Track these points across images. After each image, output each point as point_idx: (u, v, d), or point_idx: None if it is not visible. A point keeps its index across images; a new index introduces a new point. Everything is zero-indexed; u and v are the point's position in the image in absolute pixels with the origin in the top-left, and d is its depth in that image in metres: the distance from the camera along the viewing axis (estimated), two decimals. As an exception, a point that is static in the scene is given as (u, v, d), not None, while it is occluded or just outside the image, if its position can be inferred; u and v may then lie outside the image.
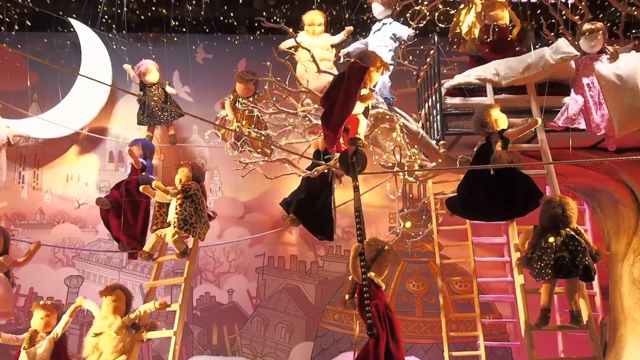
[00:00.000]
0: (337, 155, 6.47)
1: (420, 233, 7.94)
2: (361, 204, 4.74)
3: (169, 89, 8.29)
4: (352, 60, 5.15)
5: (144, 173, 7.14)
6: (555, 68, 6.26)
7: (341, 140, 5.01)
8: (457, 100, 6.45)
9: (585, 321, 5.28)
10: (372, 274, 5.11)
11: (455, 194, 6.16)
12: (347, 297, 5.23)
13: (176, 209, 6.21)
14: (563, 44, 6.27)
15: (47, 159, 9.00)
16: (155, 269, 6.70)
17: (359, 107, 5.14)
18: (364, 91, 5.03)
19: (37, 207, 8.84)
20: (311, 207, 6.67)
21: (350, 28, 7.06)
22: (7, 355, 7.59)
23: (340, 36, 7.08)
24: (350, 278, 5.23)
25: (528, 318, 5.42)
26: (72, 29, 8.71)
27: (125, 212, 6.92)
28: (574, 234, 5.14)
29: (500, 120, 5.79)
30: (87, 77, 7.14)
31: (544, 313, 5.27)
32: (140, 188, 6.50)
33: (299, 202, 6.73)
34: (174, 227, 6.13)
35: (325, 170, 6.64)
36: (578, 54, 6.27)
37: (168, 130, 8.52)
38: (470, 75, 6.52)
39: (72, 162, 9.02)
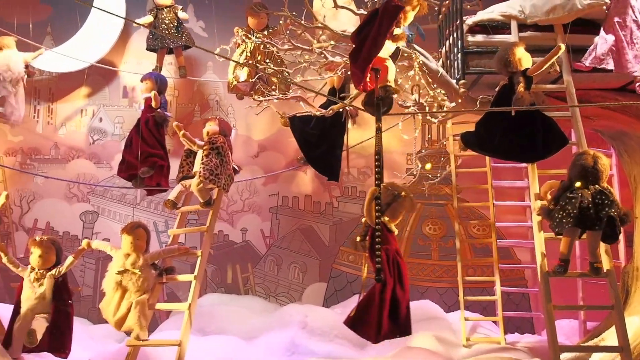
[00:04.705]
0: (353, 94, 6.37)
1: (438, 175, 7.76)
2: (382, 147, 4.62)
3: (181, 14, 8.03)
4: None
5: (159, 110, 6.98)
6: (582, 13, 5.95)
7: (367, 78, 4.88)
8: (479, 37, 6.24)
9: (605, 270, 5.12)
10: (385, 219, 5.00)
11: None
12: (358, 238, 5.16)
13: (202, 159, 6.22)
14: None
15: (62, 94, 8.90)
16: (179, 218, 6.70)
17: (390, 47, 5.00)
18: (397, 30, 4.88)
19: (52, 142, 8.81)
20: (320, 147, 6.52)
21: None
22: (9, 289, 7.71)
23: None
24: (363, 220, 5.13)
25: (546, 264, 5.28)
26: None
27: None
28: (602, 189, 4.91)
29: (524, 59, 5.52)
30: (100, 9, 6.99)
31: (563, 263, 5.09)
32: (174, 125, 6.39)
33: (307, 136, 6.58)
34: (199, 176, 6.13)
35: (340, 110, 6.46)
36: (609, 1, 5.94)
37: (178, 62, 8.29)
38: (494, 12, 6.29)
39: (86, 97, 8.92)
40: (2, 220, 6.84)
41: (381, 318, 4.74)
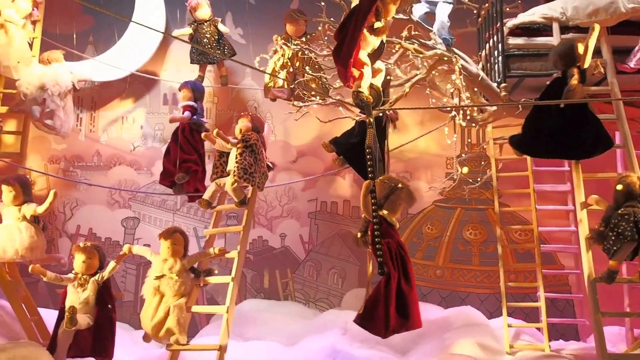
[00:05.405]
0: (393, 98, 6.34)
1: (479, 179, 7.70)
2: (375, 141, 4.78)
3: (221, 27, 8.10)
4: None
5: (194, 117, 7.06)
6: (626, 16, 5.85)
7: (357, 74, 4.91)
8: (520, 40, 6.24)
9: (654, 276, 5.03)
10: (385, 212, 4.92)
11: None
12: (359, 235, 5.08)
13: (236, 158, 6.18)
14: None
15: (103, 102, 9.01)
16: (214, 218, 6.73)
17: (374, 42, 4.99)
18: (377, 24, 4.89)
19: (94, 150, 8.91)
20: (363, 152, 6.48)
21: None
22: (54, 295, 7.83)
23: None
24: (362, 216, 5.06)
25: (592, 273, 5.17)
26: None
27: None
28: None
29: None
30: (138, 23, 7.11)
31: (611, 273, 5.00)
32: (202, 135, 6.50)
33: (351, 145, 6.54)
34: (234, 175, 6.11)
35: (380, 114, 6.43)
36: None
37: (220, 71, 8.38)
38: (535, 14, 6.26)
39: (127, 105, 9.02)
40: (47, 226, 6.98)
41: (388, 312, 4.66)
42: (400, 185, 5.08)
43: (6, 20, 7.33)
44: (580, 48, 5.42)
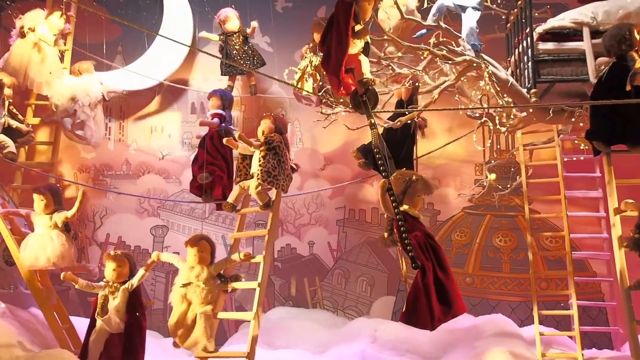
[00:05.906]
0: (421, 105, 6.32)
1: (509, 186, 7.62)
2: (382, 141, 4.83)
3: (248, 30, 8.14)
4: None
5: (223, 124, 7.08)
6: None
7: (350, 80, 4.93)
8: (550, 45, 6.15)
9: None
10: (405, 207, 4.90)
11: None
12: (385, 234, 5.11)
13: (259, 161, 6.12)
14: None
15: (132, 111, 9.10)
16: (239, 221, 6.67)
17: (358, 45, 5.02)
18: (357, 27, 4.90)
19: (123, 158, 9.01)
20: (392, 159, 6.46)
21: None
22: (86, 304, 7.90)
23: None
24: (385, 216, 5.06)
25: (627, 280, 5.08)
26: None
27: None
28: None
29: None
30: (166, 37, 7.18)
31: None
32: (224, 140, 6.46)
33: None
34: (257, 179, 6.06)
35: (408, 121, 6.41)
36: None
37: (249, 81, 8.43)
38: (565, 19, 6.19)
39: (155, 114, 9.09)
40: (77, 235, 7.06)
41: (430, 303, 4.63)
42: (414, 177, 5.10)
43: (40, 39, 7.53)
44: (636, 33, 5.37)
